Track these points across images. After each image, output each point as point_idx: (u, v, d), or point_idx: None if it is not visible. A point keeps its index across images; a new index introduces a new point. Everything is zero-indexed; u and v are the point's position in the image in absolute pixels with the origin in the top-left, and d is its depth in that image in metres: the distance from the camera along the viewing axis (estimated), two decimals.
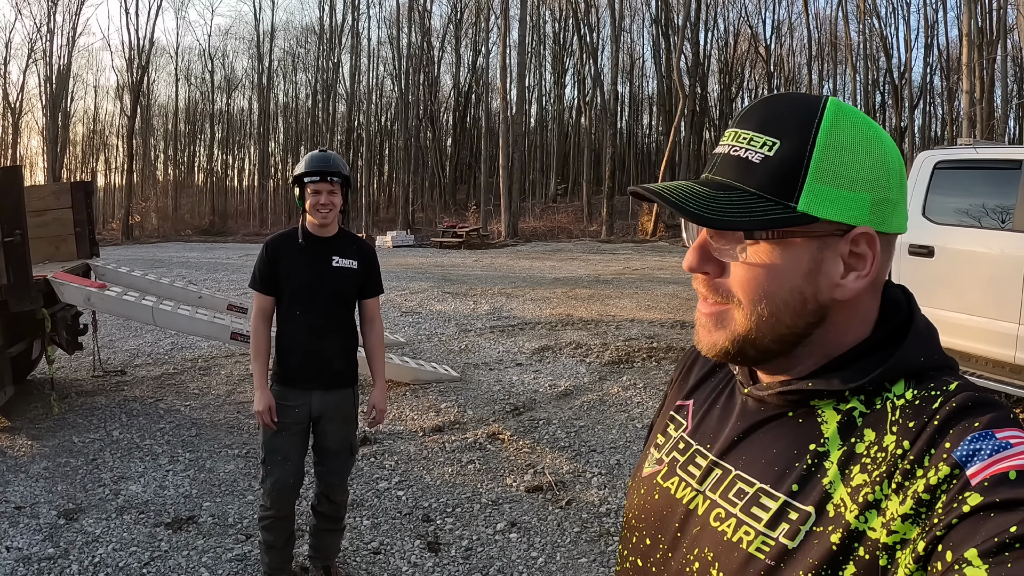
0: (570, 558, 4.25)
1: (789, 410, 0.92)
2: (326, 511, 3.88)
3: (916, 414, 0.82)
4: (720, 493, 0.93)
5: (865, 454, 0.83)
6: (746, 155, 0.88)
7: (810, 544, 0.81)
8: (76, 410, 6.79)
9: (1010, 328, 5.93)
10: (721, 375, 1.09)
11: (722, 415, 1.02)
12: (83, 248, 8.02)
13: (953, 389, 0.83)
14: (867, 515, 0.79)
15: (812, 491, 0.84)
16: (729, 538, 0.88)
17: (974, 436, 0.76)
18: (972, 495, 0.72)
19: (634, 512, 1.05)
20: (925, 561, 0.72)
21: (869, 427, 0.84)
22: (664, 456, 1.06)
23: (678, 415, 1.10)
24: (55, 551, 4.24)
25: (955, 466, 0.74)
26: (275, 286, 3.71)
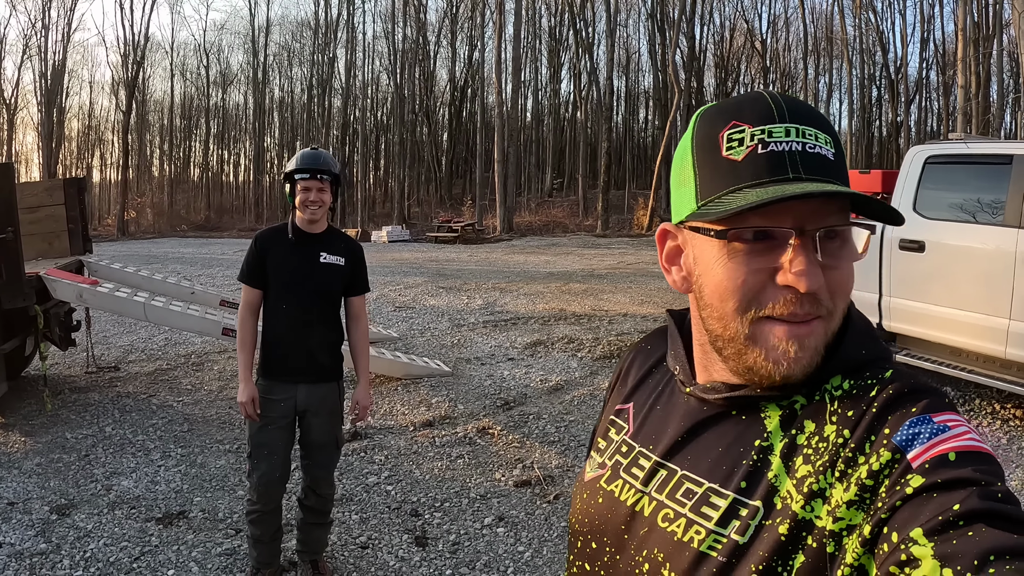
0: (556, 552, 4.29)
1: (732, 408, 0.93)
2: (313, 505, 3.91)
3: (854, 403, 0.84)
4: (667, 494, 0.94)
5: (807, 445, 0.85)
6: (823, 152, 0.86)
7: (760, 538, 0.82)
8: (69, 406, 6.81)
9: (1000, 323, 5.95)
10: (659, 376, 1.09)
11: (663, 416, 1.02)
12: (76, 244, 8.03)
13: (888, 377, 0.86)
14: (813, 504, 0.80)
15: (759, 486, 0.86)
16: (679, 538, 0.89)
17: (912, 421, 0.79)
18: (914, 477, 0.74)
19: (578, 517, 1.06)
20: (872, 544, 0.74)
21: (809, 418, 0.86)
22: (607, 460, 1.06)
23: (618, 419, 1.10)
24: (47, 546, 4.26)
25: (895, 451, 0.77)
26: (263, 280, 3.74)
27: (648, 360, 1.13)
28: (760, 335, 0.87)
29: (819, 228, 0.84)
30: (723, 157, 0.88)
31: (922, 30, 44.89)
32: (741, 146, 0.86)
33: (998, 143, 7.37)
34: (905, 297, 6.45)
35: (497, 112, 36.79)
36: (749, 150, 0.86)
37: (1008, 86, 36.40)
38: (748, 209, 0.82)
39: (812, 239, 0.84)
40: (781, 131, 0.85)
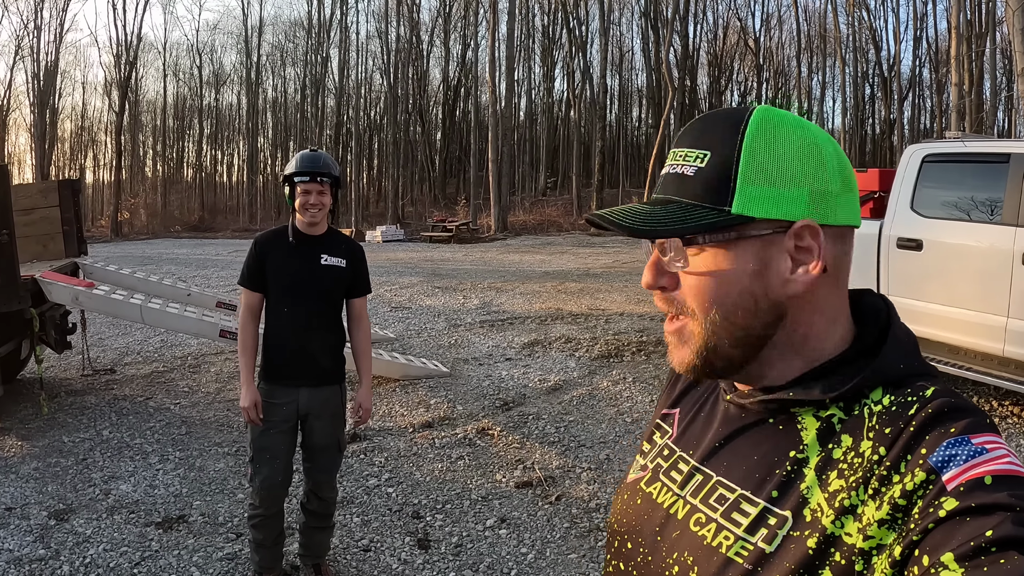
0: (560, 554, 4.27)
1: (770, 417, 0.93)
2: (315, 508, 3.89)
3: (892, 420, 0.82)
4: (701, 498, 0.94)
5: (842, 460, 0.83)
6: (682, 170, 0.92)
7: (787, 548, 0.82)
8: (66, 410, 6.78)
9: (998, 321, 5.96)
10: (707, 383, 1.09)
11: (706, 422, 1.03)
12: (71, 246, 7.99)
13: (929, 395, 0.83)
14: (843, 520, 0.79)
15: (790, 496, 0.85)
16: (709, 542, 0.89)
17: (950, 442, 0.76)
18: (948, 500, 0.72)
19: (617, 517, 1.06)
20: (901, 566, 0.73)
21: (847, 433, 0.85)
22: (648, 463, 1.07)
23: (664, 423, 1.12)
24: (46, 552, 4.24)
25: (931, 472, 0.75)
26: (263, 283, 3.72)
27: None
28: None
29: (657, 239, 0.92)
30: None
31: (915, 28, 45.06)
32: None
33: (995, 142, 7.37)
34: (903, 295, 6.45)
35: (491, 111, 36.74)
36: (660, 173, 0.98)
37: (1001, 83, 36.53)
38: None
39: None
40: (670, 155, 0.95)
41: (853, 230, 0.93)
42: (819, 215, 0.88)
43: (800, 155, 0.89)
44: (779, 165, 0.88)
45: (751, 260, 0.88)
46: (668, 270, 0.93)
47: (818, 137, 0.90)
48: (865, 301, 0.97)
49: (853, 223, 0.91)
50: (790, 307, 0.90)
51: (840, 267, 0.91)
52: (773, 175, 0.88)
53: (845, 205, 0.90)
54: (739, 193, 0.87)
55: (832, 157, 0.90)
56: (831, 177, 0.89)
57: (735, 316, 0.89)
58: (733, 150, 0.89)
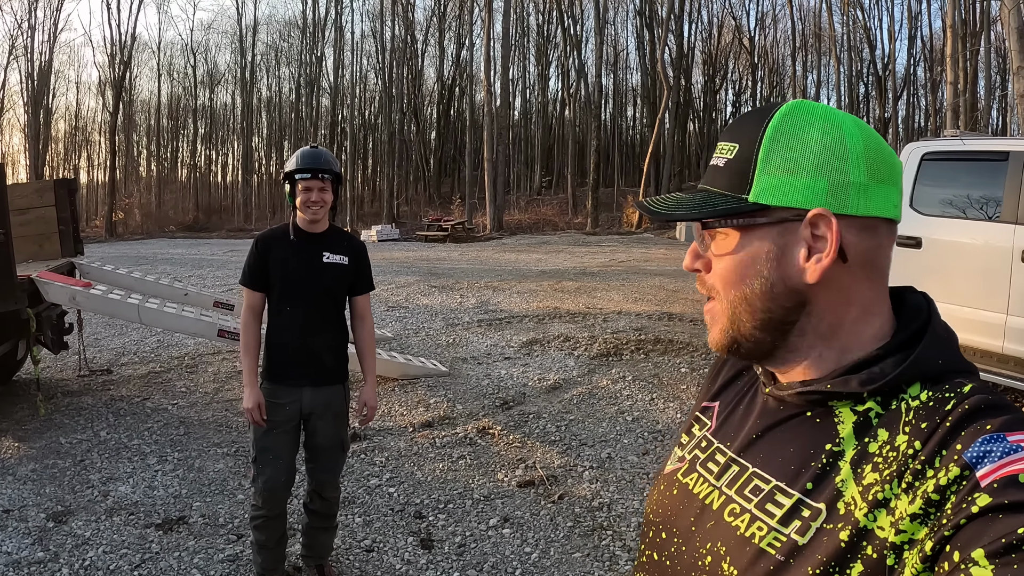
0: (564, 553, 4.25)
1: (807, 410, 0.93)
2: (318, 509, 3.86)
3: (929, 415, 0.83)
4: (736, 489, 0.95)
5: (877, 453, 0.84)
6: (716, 162, 0.97)
7: (820, 541, 0.82)
8: (62, 411, 6.73)
9: (998, 318, 5.97)
10: (747, 377, 1.11)
11: (744, 414, 1.04)
12: (67, 246, 7.95)
13: (967, 391, 0.83)
14: (876, 513, 0.80)
15: (825, 489, 0.86)
16: (742, 533, 0.90)
17: (985, 438, 0.76)
18: (981, 496, 0.72)
19: (652, 507, 1.08)
20: (932, 561, 0.73)
21: (883, 427, 0.85)
22: (686, 454, 1.09)
23: (703, 415, 1.13)
24: (45, 555, 4.20)
25: (965, 467, 0.75)
26: (265, 282, 3.68)
27: (741, 361, 1.14)
28: None
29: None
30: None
31: (910, 26, 45.07)
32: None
33: (994, 140, 7.39)
34: None
35: (485, 110, 36.76)
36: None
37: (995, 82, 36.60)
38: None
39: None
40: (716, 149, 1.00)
41: (891, 223, 0.93)
42: (837, 205, 0.89)
43: (820, 146, 0.90)
44: (797, 155, 0.90)
45: (769, 246, 0.92)
46: (702, 254, 0.99)
47: (846, 129, 0.91)
48: (906, 297, 0.97)
49: (887, 215, 0.91)
50: (812, 295, 0.91)
51: (871, 259, 0.92)
52: (791, 165, 0.91)
53: (875, 197, 0.90)
54: (756, 182, 0.91)
55: (859, 149, 0.90)
56: (854, 168, 0.89)
57: (753, 298, 0.93)
58: (755, 140, 0.93)
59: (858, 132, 0.90)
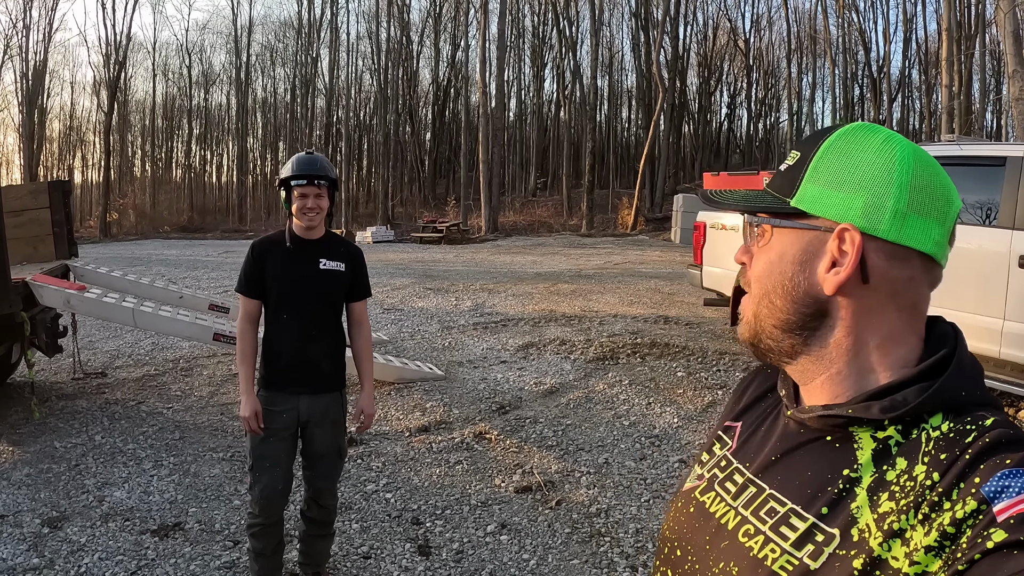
0: (562, 560, 4.23)
1: (827, 434, 0.94)
2: (316, 516, 3.84)
3: (949, 446, 0.82)
4: (752, 510, 0.95)
5: (895, 482, 0.84)
6: (781, 167, 1.00)
7: (832, 566, 0.82)
8: (57, 414, 6.70)
9: (995, 323, 5.97)
10: (771, 399, 1.11)
11: (765, 436, 1.05)
12: (61, 249, 7.91)
13: (989, 425, 0.83)
14: (891, 543, 0.79)
15: (840, 514, 0.85)
16: (755, 554, 0.90)
17: (1004, 473, 0.76)
18: (997, 531, 0.72)
19: (669, 524, 1.08)
20: None
21: (902, 456, 0.85)
22: (705, 472, 1.09)
23: (725, 435, 1.14)
24: (40, 561, 4.16)
25: (983, 501, 0.75)
26: (262, 289, 3.66)
27: (766, 382, 1.15)
28: None
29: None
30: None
31: (905, 29, 45.21)
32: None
33: (991, 145, 7.40)
34: None
35: (481, 112, 36.75)
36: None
37: (990, 85, 36.69)
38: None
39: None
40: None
41: (929, 260, 0.91)
42: (868, 226, 0.89)
43: (867, 165, 0.91)
44: (843, 171, 0.92)
45: (798, 250, 0.94)
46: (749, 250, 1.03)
47: (899, 156, 0.90)
48: (934, 327, 0.97)
49: (923, 249, 0.89)
50: (832, 307, 0.93)
51: (900, 290, 0.91)
52: (835, 179, 0.92)
53: (912, 227, 0.89)
54: (801, 188, 0.95)
55: (906, 177, 0.89)
56: (896, 194, 0.89)
57: (776, 296, 0.96)
58: (811, 151, 0.96)
59: (912, 162, 0.89)
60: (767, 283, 0.97)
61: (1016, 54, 13.53)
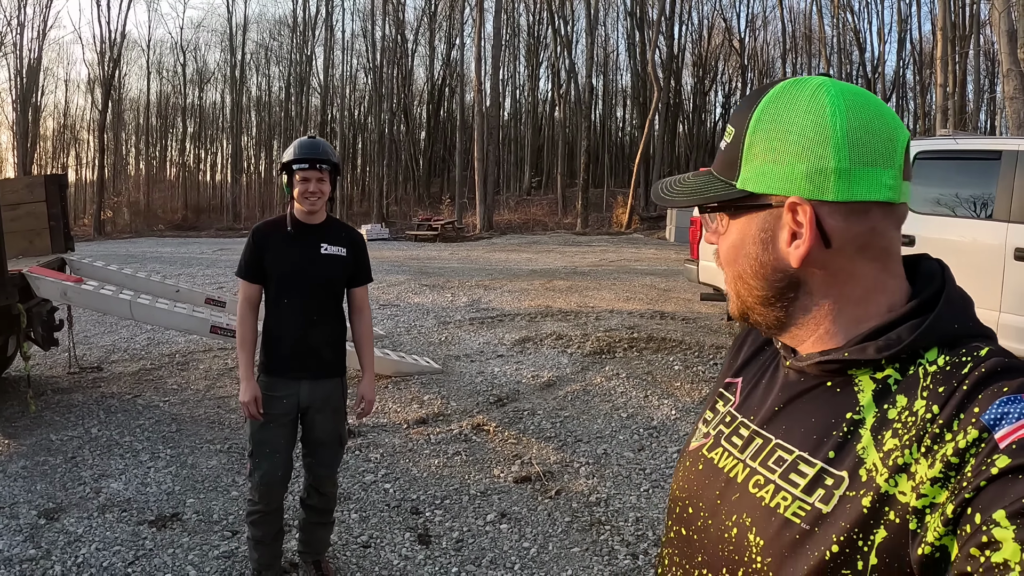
0: (562, 548, 4.23)
1: (827, 380, 0.94)
2: (316, 504, 3.82)
3: (946, 379, 0.84)
4: (760, 461, 0.96)
5: (897, 419, 0.85)
6: (720, 144, 1.00)
7: (843, 508, 0.83)
8: (53, 407, 6.68)
9: (990, 316, 6.00)
10: (769, 352, 1.12)
11: (767, 388, 1.06)
12: (58, 242, 7.88)
13: (984, 355, 0.84)
14: (897, 479, 0.81)
15: (847, 457, 0.87)
16: (767, 503, 0.91)
17: (1003, 400, 0.77)
18: (1000, 458, 0.73)
19: (679, 484, 1.09)
20: (954, 524, 0.74)
21: (901, 393, 0.87)
22: (711, 430, 1.10)
23: (727, 392, 1.14)
24: (37, 552, 4.15)
25: (983, 429, 0.76)
26: (262, 274, 3.64)
27: (760, 337, 1.15)
28: None
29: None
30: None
31: (899, 29, 45.26)
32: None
33: (987, 139, 7.42)
34: None
35: (476, 110, 36.73)
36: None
37: (984, 85, 36.78)
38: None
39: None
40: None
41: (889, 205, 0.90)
42: (815, 192, 0.88)
43: (799, 132, 0.89)
44: (777, 142, 0.91)
45: (756, 230, 0.95)
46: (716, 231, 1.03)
47: (830, 112, 0.88)
48: (921, 264, 0.98)
49: (878, 198, 0.88)
50: (804, 276, 0.93)
51: (867, 243, 0.90)
52: (771, 152, 0.91)
53: (860, 181, 0.88)
54: (743, 168, 0.94)
55: (841, 133, 0.88)
56: (835, 154, 0.88)
57: (748, 278, 0.97)
58: (743, 127, 0.95)
59: (844, 111, 0.88)
60: (736, 267, 0.99)
61: (1010, 53, 13.57)
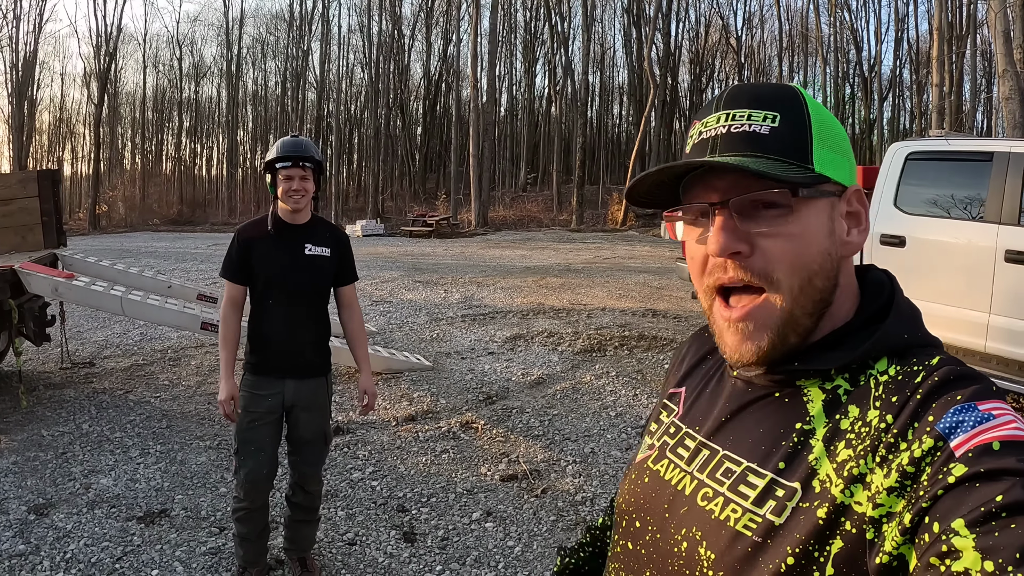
0: (547, 547, 4.25)
1: (776, 390, 0.94)
2: (301, 502, 3.85)
3: (899, 389, 0.84)
4: (708, 473, 0.95)
5: (850, 430, 0.85)
6: (752, 129, 0.90)
7: (797, 520, 0.82)
8: (44, 403, 6.69)
9: (981, 317, 6.01)
10: (712, 361, 1.11)
11: (711, 398, 1.04)
12: (50, 238, 7.88)
13: (935, 363, 0.85)
14: (852, 489, 0.80)
15: (798, 468, 0.86)
16: (717, 516, 0.89)
17: (957, 408, 0.78)
18: (957, 466, 0.73)
19: (624, 497, 1.06)
20: (912, 533, 0.73)
21: (853, 403, 0.87)
22: (655, 441, 1.08)
23: (671, 402, 1.13)
24: (26, 547, 4.17)
25: (939, 438, 0.76)
26: (247, 274, 3.66)
27: (704, 345, 1.15)
28: (712, 312, 0.95)
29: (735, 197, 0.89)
30: (684, 153, 0.99)
31: (896, 29, 45.28)
32: (691, 140, 0.97)
33: (979, 140, 7.43)
34: None
35: (472, 106, 36.72)
36: (692, 143, 0.96)
37: (980, 85, 36.80)
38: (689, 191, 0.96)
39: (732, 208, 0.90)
40: (713, 119, 0.93)
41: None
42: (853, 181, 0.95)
43: (841, 132, 0.95)
44: (834, 136, 0.93)
45: (825, 219, 0.91)
46: (753, 231, 0.90)
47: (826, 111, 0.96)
48: (868, 274, 0.99)
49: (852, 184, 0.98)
50: (840, 271, 0.93)
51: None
52: (833, 143, 0.93)
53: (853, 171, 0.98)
54: (816, 154, 0.91)
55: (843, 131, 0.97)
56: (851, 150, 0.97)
57: (816, 278, 0.90)
58: (802, 114, 0.92)
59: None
60: (804, 265, 0.89)
61: (1006, 54, 13.60)
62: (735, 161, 0.87)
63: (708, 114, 0.95)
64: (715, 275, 0.92)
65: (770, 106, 0.91)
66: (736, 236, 0.89)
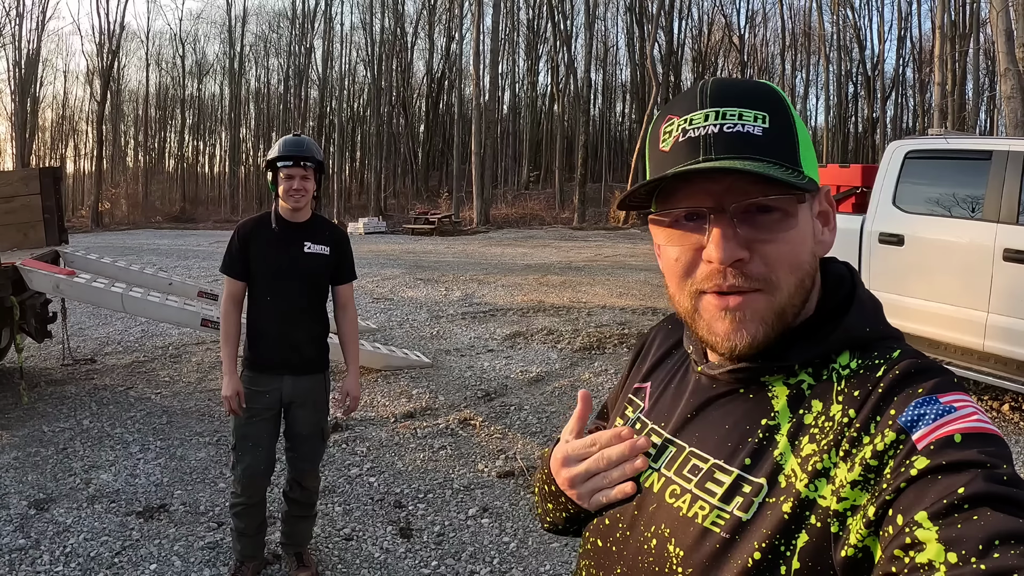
0: (542, 543, 4.28)
1: (740, 387, 0.94)
2: (298, 497, 3.88)
3: (861, 383, 0.85)
4: (675, 470, 0.95)
5: (813, 424, 0.85)
6: (746, 129, 0.88)
7: (763, 515, 0.83)
8: (46, 399, 6.73)
9: (979, 316, 6.02)
10: (677, 356, 1.11)
11: (676, 394, 1.04)
12: (52, 235, 7.91)
13: (896, 357, 0.86)
14: (817, 483, 0.81)
15: (764, 464, 0.87)
16: (684, 513, 0.90)
17: (918, 402, 0.79)
18: (919, 459, 0.74)
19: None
20: (876, 526, 0.75)
21: (816, 398, 0.87)
22: None
23: (636, 397, 1.13)
24: (26, 542, 4.20)
25: (901, 431, 0.77)
26: (246, 271, 3.69)
27: (668, 340, 1.15)
28: (700, 307, 0.92)
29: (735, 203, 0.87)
30: (659, 150, 0.94)
31: (899, 28, 45.22)
32: (670, 137, 0.92)
33: (977, 139, 7.45)
34: (884, 290, 6.49)
35: (474, 104, 36.68)
36: (674, 140, 0.91)
37: (983, 84, 36.76)
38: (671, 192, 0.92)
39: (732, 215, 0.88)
40: (700, 117, 0.90)
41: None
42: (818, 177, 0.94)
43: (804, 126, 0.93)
44: (806, 134, 0.93)
45: (810, 220, 0.93)
46: (753, 237, 0.88)
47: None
48: (829, 268, 0.99)
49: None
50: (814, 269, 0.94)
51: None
52: (806, 142, 0.93)
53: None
54: (801, 155, 0.91)
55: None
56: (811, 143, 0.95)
57: (807, 278, 0.92)
58: (787, 115, 0.91)
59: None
60: (798, 266, 0.90)
61: (1008, 53, 13.59)
62: (751, 167, 0.85)
63: (692, 110, 0.91)
64: (712, 281, 0.90)
65: (759, 106, 0.90)
66: (738, 243, 0.88)
